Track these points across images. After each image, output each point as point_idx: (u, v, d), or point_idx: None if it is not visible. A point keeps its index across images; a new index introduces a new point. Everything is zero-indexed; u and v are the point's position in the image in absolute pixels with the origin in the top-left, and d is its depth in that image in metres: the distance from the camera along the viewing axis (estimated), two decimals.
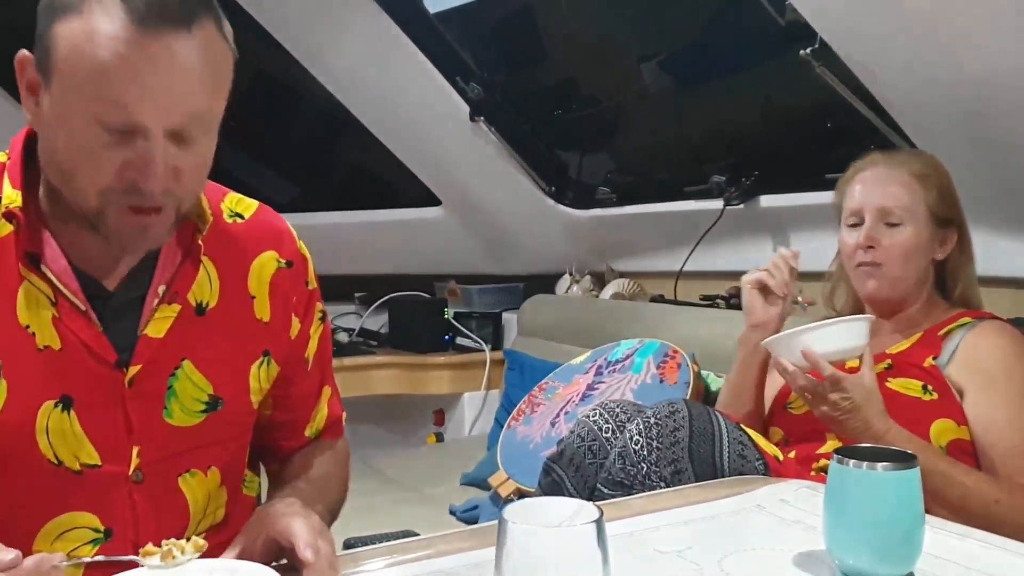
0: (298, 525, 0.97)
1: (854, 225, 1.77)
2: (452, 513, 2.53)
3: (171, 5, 0.96)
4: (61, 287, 1.05)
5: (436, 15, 3.16)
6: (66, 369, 1.05)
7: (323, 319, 1.32)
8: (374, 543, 1.16)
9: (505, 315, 3.74)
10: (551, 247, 3.68)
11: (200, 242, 1.13)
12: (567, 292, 3.58)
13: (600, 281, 3.53)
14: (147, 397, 1.10)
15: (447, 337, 3.67)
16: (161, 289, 1.11)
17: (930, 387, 1.63)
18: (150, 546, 0.93)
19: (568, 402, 2.49)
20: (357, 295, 4.01)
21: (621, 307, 3.16)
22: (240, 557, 0.98)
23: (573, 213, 3.46)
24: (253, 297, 1.20)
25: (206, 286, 1.15)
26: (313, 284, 1.29)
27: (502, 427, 2.69)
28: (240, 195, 1.26)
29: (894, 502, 0.98)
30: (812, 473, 1.57)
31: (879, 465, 0.98)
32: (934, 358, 1.67)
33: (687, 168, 3.20)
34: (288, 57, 3.21)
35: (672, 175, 3.29)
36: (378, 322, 3.92)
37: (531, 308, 3.50)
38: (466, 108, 3.23)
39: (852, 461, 1.00)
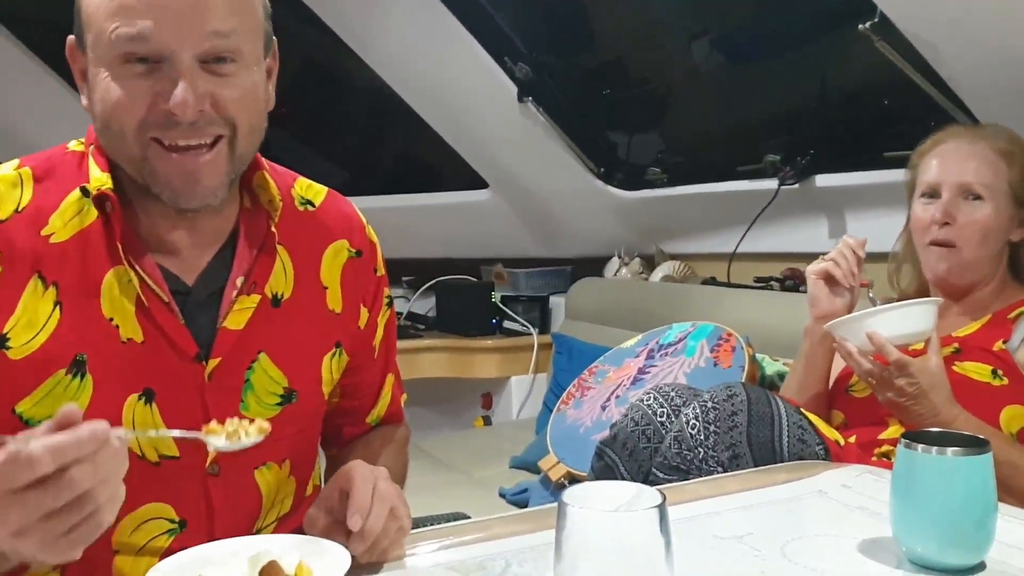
0: (358, 485, 0.97)
1: (929, 198, 1.69)
2: (502, 496, 2.51)
3: None
4: (147, 279, 1.04)
5: None
6: (149, 362, 1.04)
7: (390, 304, 1.31)
8: (425, 525, 1.16)
9: (553, 298, 3.72)
10: (600, 229, 3.64)
11: (274, 230, 1.12)
12: (616, 275, 3.55)
13: (650, 264, 3.49)
14: (225, 390, 1.09)
15: (494, 321, 3.65)
16: (239, 280, 1.10)
17: (1000, 372, 1.57)
18: (214, 424, 0.94)
19: (619, 386, 2.46)
20: (405, 279, 4.01)
21: (672, 290, 3.12)
22: (320, 512, 1.00)
23: (622, 194, 3.42)
24: (326, 288, 1.19)
25: (281, 277, 1.14)
26: (381, 271, 1.28)
27: (550, 411, 2.68)
28: (309, 180, 1.25)
29: (965, 488, 0.95)
30: (874, 458, 1.54)
31: (949, 450, 0.95)
32: (1004, 341, 1.61)
33: (740, 147, 3.14)
34: (337, 41, 3.20)
35: (724, 155, 3.23)
36: (426, 306, 3.92)
37: (579, 291, 3.47)
38: (514, 89, 3.20)
39: (921, 446, 0.96)
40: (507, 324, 3.67)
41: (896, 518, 0.99)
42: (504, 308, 3.67)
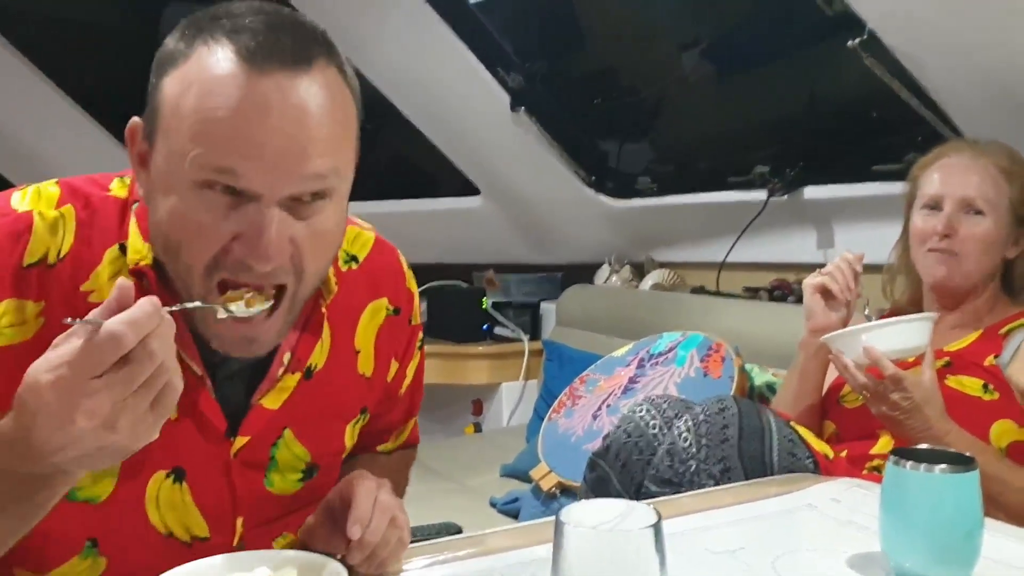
0: (360, 495, 0.95)
1: (931, 211, 1.71)
2: (493, 505, 2.52)
3: (285, 43, 0.85)
4: (180, 350, 0.89)
5: (476, 4, 3.14)
6: (178, 438, 0.98)
7: (420, 348, 1.25)
8: (416, 535, 1.16)
9: (544, 305, 3.73)
10: (590, 237, 3.66)
11: (324, 310, 1.04)
12: (606, 282, 3.57)
13: (639, 271, 3.51)
14: (251, 467, 1.05)
15: (485, 327, 3.66)
16: (286, 358, 1.03)
17: (991, 386, 1.59)
18: (231, 292, 0.88)
19: (610, 395, 2.47)
20: None
21: (661, 298, 3.14)
22: (320, 520, 0.99)
23: (613, 203, 3.44)
24: (358, 352, 1.12)
25: (319, 349, 1.07)
26: (416, 320, 1.21)
27: (541, 418, 2.68)
28: (357, 226, 1.16)
29: (953, 505, 0.97)
30: (865, 472, 1.55)
31: (937, 467, 0.97)
32: (995, 356, 1.62)
33: (730, 158, 3.17)
34: None
35: (714, 165, 3.26)
36: None
37: (570, 298, 3.49)
38: (506, 98, 3.22)
39: (910, 462, 0.98)
40: (498, 330, 3.68)
41: (885, 533, 1.01)
42: (495, 314, 3.68)
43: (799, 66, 2.82)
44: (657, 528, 0.75)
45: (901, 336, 1.50)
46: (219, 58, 0.84)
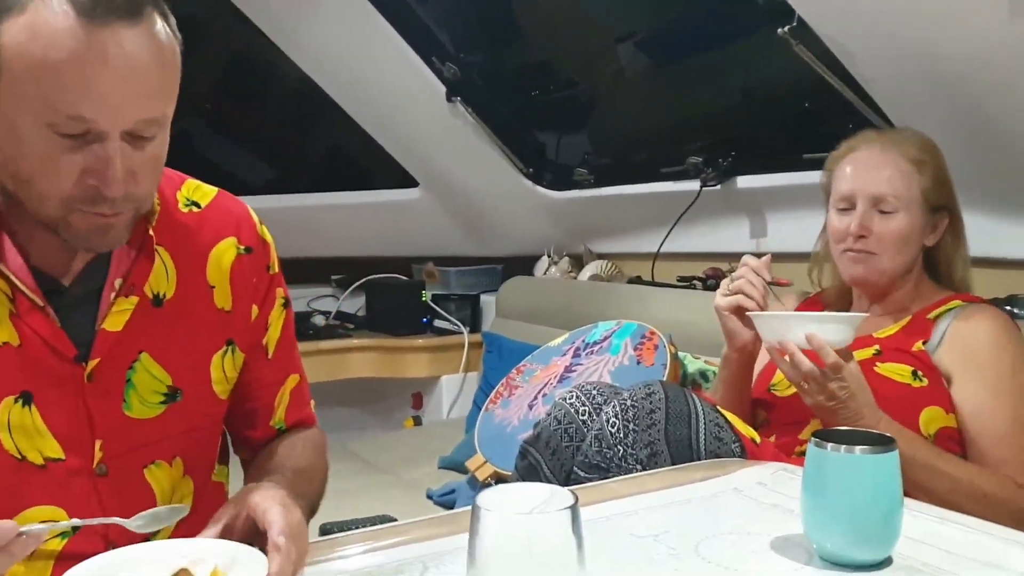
0: (276, 512, 0.94)
1: (844, 210, 1.70)
2: (429, 497, 2.51)
3: None
4: (18, 283, 1.03)
5: None
6: (26, 365, 1.04)
7: (286, 305, 1.30)
8: (351, 528, 1.15)
9: (483, 297, 3.73)
10: (529, 229, 3.67)
11: (151, 233, 1.11)
12: (545, 274, 3.57)
13: (578, 263, 3.52)
14: (106, 390, 1.09)
15: (425, 319, 3.65)
16: (117, 282, 1.10)
17: (920, 373, 1.60)
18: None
19: (546, 384, 2.48)
20: (334, 278, 3.98)
21: (599, 289, 3.16)
22: (221, 534, 0.96)
23: (551, 194, 3.44)
24: (212, 287, 1.19)
25: (163, 277, 1.14)
26: (275, 269, 1.27)
27: (480, 410, 2.68)
28: (199, 182, 1.24)
29: (872, 485, 0.98)
30: (793, 456, 1.55)
31: (857, 448, 0.98)
32: (923, 343, 1.64)
33: (664, 149, 3.19)
34: (262, 37, 3.16)
35: (649, 156, 3.28)
36: (355, 305, 3.90)
37: (509, 290, 3.49)
38: (442, 89, 3.21)
39: (830, 444, 0.99)
40: (438, 323, 3.67)
41: (806, 515, 1.02)
42: (435, 307, 3.67)
43: (733, 57, 2.84)
44: (574, 511, 0.74)
45: (838, 330, 1.49)
46: (59, 12, 0.91)
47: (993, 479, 1.51)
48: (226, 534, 0.96)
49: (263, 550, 0.91)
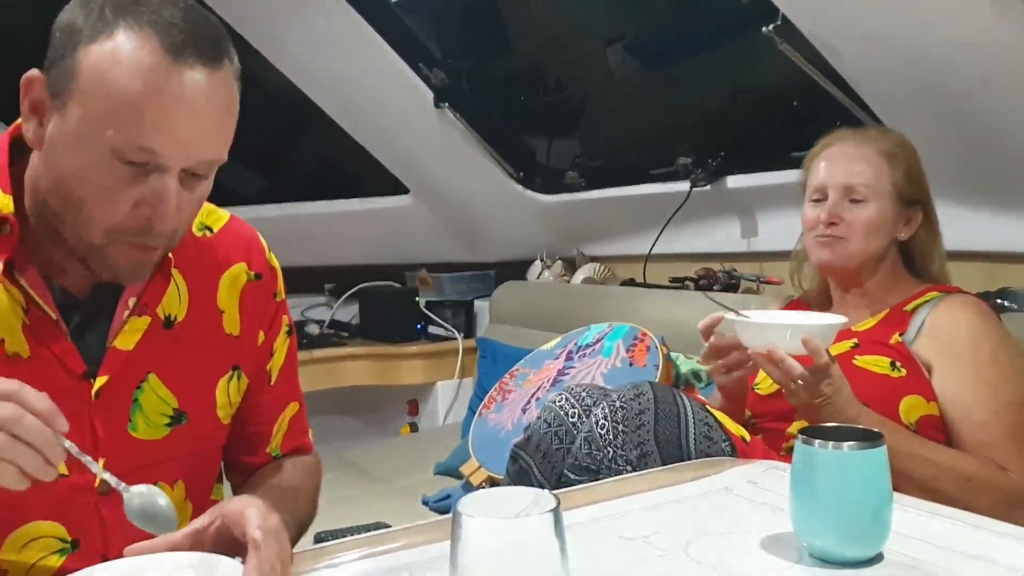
0: (252, 512, 0.94)
1: (817, 200, 1.75)
2: (425, 504, 2.51)
3: (204, 38, 0.97)
4: (34, 295, 1.04)
5: (398, 4, 3.13)
6: (34, 378, 1.01)
7: (290, 333, 1.31)
8: (345, 535, 1.14)
9: (477, 303, 3.72)
10: (521, 233, 3.66)
11: (170, 255, 1.12)
12: (538, 278, 3.57)
13: (571, 266, 3.51)
14: (113, 409, 1.09)
15: (419, 326, 3.64)
16: (131, 301, 1.11)
17: (898, 363, 1.61)
18: None
19: (539, 388, 2.47)
20: (327, 286, 3.98)
21: (592, 292, 3.15)
22: (192, 541, 0.94)
23: (542, 198, 3.44)
24: (222, 311, 1.20)
25: (175, 299, 1.15)
26: (281, 296, 1.29)
27: (475, 415, 2.67)
28: (213, 206, 1.25)
29: (861, 481, 0.97)
30: (781, 453, 1.56)
31: (845, 444, 0.97)
32: (900, 334, 1.65)
33: (653, 151, 3.19)
34: (247, 47, 3.16)
35: (639, 158, 3.28)
36: (349, 313, 3.89)
37: (503, 295, 3.48)
38: (431, 95, 3.21)
39: (818, 441, 0.98)
40: (432, 329, 3.66)
41: (795, 513, 1.01)
42: (429, 313, 3.66)
43: (719, 57, 2.85)
44: (556, 514, 0.73)
45: (824, 334, 1.48)
46: (147, 46, 0.94)
47: (975, 462, 1.52)
48: (197, 541, 0.94)
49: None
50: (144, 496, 0.96)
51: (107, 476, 0.95)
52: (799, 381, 1.47)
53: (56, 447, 0.85)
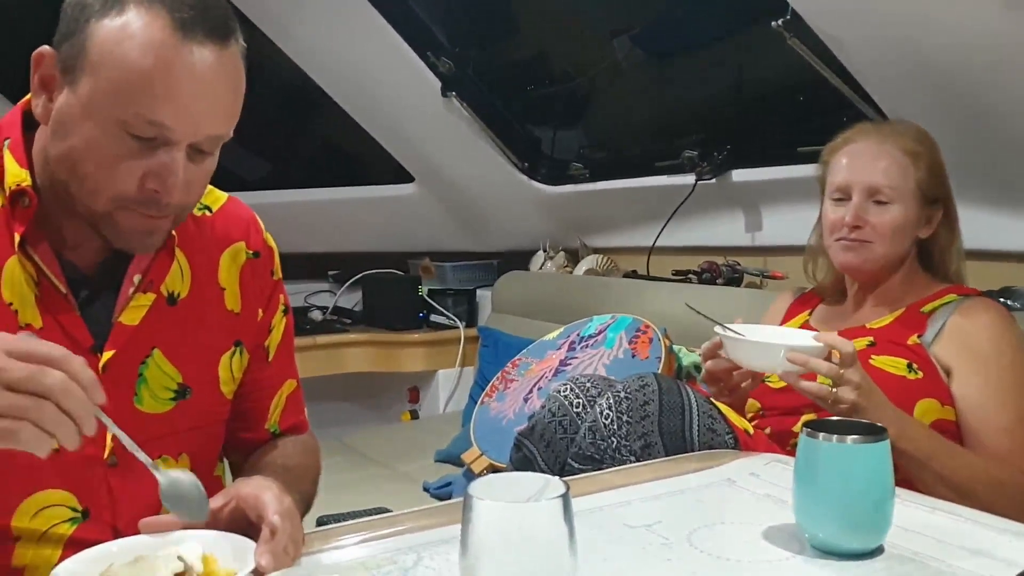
0: (269, 497, 0.96)
1: (839, 200, 1.71)
2: (426, 490, 2.52)
3: (213, 16, 0.99)
4: (45, 269, 1.06)
5: None
6: None
7: (286, 312, 1.33)
8: (346, 519, 1.15)
9: (479, 292, 3.73)
10: (525, 223, 3.67)
11: (174, 233, 1.14)
12: (541, 268, 3.58)
13: (574, 257, 3.52)
14: (119, 383, 1.10)
15: (421, 314, 3.65)
16: (137, 278, 1.13)
17: (915, 365, 1.59)
18: None
19: (541, 378, 2.48)
20: (330, 273, 3.99)
21: (594, 283, 3.16)
22: (206, 521, 0.96)
23: (546, 189, 3.44)
24: (223, 289, 1.22)
25: (178, 277, 1.17)
26: (278, 275, 1.31)
27: (476, 404, 2.68)
28: (211, 186, 1.25)
29: (863, 475, 0.98)
30: (788, 448, 1.55)
31: (849, 438, 0.98)
32: (919, 336, 1.63)
33: (659, 143, 3.19)
34: (256, 32, 3.16)
35: (644, 150, 3.28)
36: (352, 300, 3.90)
37: (505, 285, 3.49)
38: (437, 83, 3.21)
39: (822, 434, 0.99)
40: (434, 318, 3.67)
41: (798, 505, 1.02)
42: (431, 302, 3.67)
43: (727, 50, 2.84)
44: (565, 500, 0.75)
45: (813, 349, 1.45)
46: (157, 22, 0.96)
47: (1005, 468, 1.51)
48: (212, 521, 0.96)
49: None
50: (179, 483, 0.97)
51: (142, 457, 0.96)
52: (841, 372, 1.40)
53: (91, 419, 0.86)
